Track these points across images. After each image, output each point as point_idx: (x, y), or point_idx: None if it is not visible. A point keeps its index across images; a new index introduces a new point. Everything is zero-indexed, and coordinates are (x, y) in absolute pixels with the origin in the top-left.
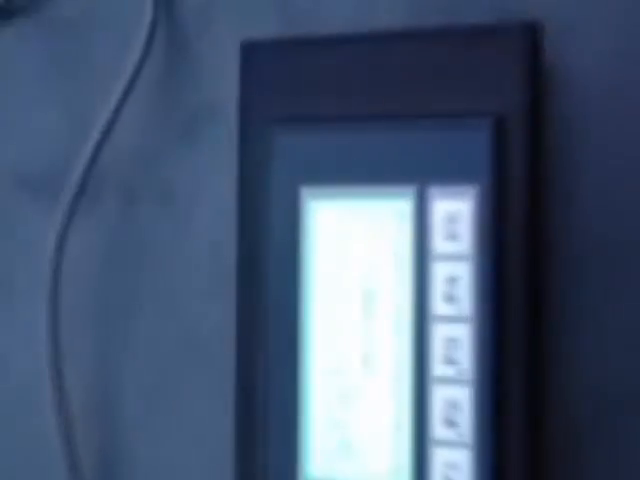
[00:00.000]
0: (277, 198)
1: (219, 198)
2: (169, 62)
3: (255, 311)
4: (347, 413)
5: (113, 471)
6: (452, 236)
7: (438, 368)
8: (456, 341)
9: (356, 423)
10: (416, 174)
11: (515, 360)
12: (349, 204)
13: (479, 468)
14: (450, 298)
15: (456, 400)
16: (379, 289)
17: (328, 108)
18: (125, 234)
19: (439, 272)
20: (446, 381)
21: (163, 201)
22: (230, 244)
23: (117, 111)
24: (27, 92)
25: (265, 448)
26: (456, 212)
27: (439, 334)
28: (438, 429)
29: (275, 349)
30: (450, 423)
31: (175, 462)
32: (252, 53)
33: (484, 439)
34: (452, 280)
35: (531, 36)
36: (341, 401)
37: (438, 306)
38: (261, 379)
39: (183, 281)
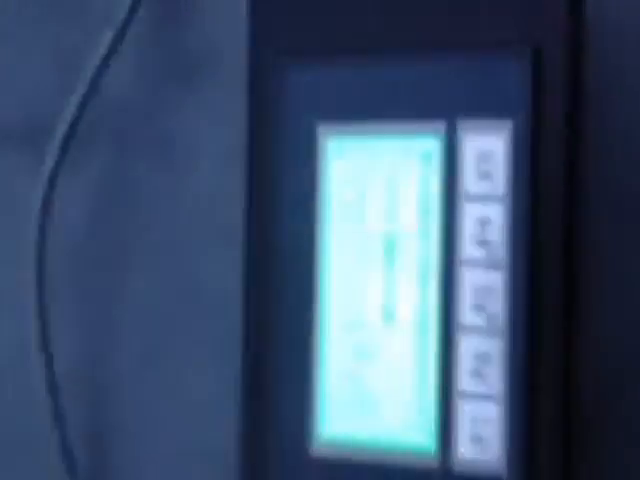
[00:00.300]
0: (292, 138)
1: (221, 148)
2: (165, 5)
3: (266, 261)
4: (366, 368)
5: (103, 441)
6: (484, 175)
7: (467, 317)
8: (487, 288)
9: (376, 378)
10: (445, 109)
11: (550, 310)
12: (370, 143)
13: (510, 423)
14: (482, 242)
15: (486, 351)
16: (402, 236)
17: (345, 40)
18: (119, 188)
19: (470, 214)
20: (475, 331)
21: (161, 153)
22: (232, 197)
23: (108, 57)
24: (12, 39)
25: (276, 407)
26: (489, 149)
27: (469, 281)
28: (466, 382)
29: (288, 302)
30: (479, 375)
31: (171, 430)
32: None
33: (515, 393)
34: (484, 223)
35: None
36: (359, 356)
37: (468, 250)
38: (272, 334)
39: (183, 236)
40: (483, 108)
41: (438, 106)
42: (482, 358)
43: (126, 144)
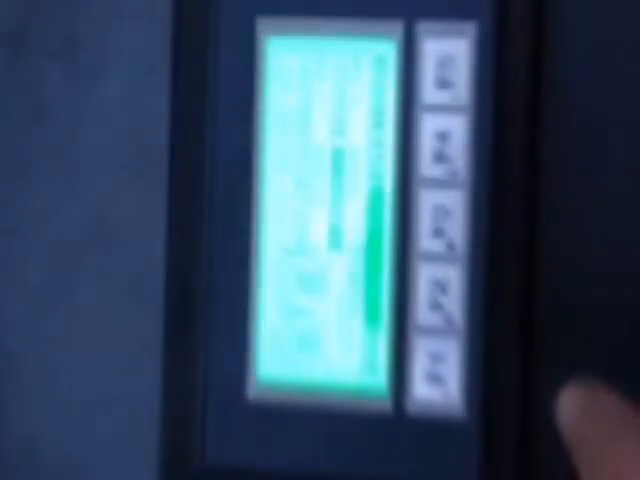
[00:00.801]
0: (226, 35)
1: (136, 52)
2: None
3: (194, 180)
4: (310, 300)
5: (10, 386)
6: (445, 83)
7: (424, 243)
8: (447, 210)
9: (321, 311)
10: (402, 8)
11: (512, 235)
12: (317, 43)
13: (468, 358)
14: (440, 157)
15: (444, 279)
16: (352, 150)
17: None
18: (9, 95)
19: (428, 126)
20: (433, 258)
21: (62, 56)
22: (150, 107)
23: None
24: None
25: (206, 345)
26: (450, 54)
27: (426, 201)
28: (422, 315)
29: (221, 225)
30: (437, 308)
31: (87, 373)
32: None
33: (474, 326)
34: (443, 136)
35: None
36: (302, 286)
37: (426, 167)
38: (202, 262)
39: (88, 156)
40: (444, 8)
41: (395, 5)
42: (440, 288)
43: (17, 44)
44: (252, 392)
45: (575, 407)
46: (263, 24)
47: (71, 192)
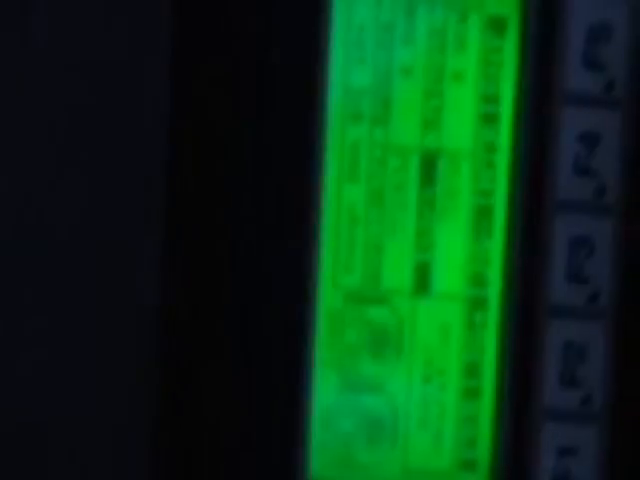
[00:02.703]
0: None
1: None
2: None
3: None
4: (383, 367)
5: None
6: (595, 65)
7: (557, 290)
8: (590, 242)
9: (399, 383)
10: None
11: None
12: None
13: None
14: (585, 169)
15: (583, 340)
16: (450, 152)
17: None
18: None
19: (568, 124)
20: (569, 312)
21: None
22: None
23: None
24: None
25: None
26: (605, 22)
27: (563, 232)
28: (552, 392)
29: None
30: (571, 381)
31: None
32: None
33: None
34: (591, 139)
35: None
36: (375, 346)
37: (564, 182)
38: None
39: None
40: None
41: None
42: (577, 353)
43: None
44: None
45: None
46: None
47: None
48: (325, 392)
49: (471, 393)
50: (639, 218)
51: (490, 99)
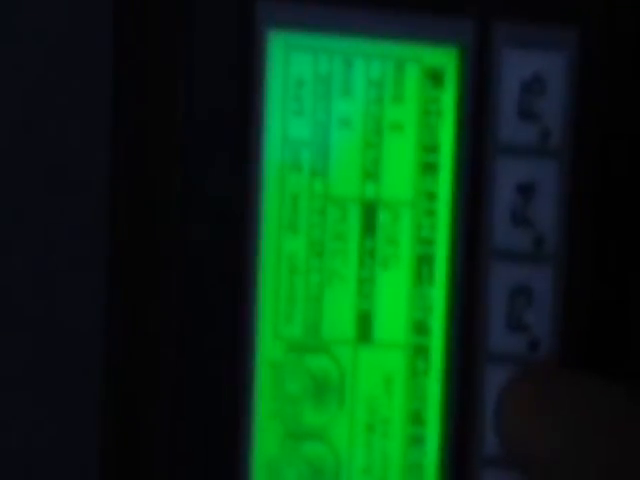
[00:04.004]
0: (208, 17)
1: None
2: None
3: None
4: (325, 417)
5: None
6: (530, 114)
7: (497, 339)
8: (528, 292)
9: (341, 433)
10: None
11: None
12: (340, 44)
13: None
14: (522, 220)
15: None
16: (390, 202)
17: None
18: None
19: (505, 175)
20: (510, 360)
21: None
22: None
23: None
24: None
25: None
26: (539, 73)
27: (500, 279)
28: (490, 446)
29: (194, 303)
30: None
31: None
32: None
33: None
34: (527, 190)
35: None
36: (316, 396)
37: (501, 233)
38: (167, 361)
39: None
40: (533, 5)
41: None
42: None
43: None
44: None
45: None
46: (263, 10)
47: None
48: (268, 442)
49: (415, 440)
50: (578, 267)
51: (429, 149)
